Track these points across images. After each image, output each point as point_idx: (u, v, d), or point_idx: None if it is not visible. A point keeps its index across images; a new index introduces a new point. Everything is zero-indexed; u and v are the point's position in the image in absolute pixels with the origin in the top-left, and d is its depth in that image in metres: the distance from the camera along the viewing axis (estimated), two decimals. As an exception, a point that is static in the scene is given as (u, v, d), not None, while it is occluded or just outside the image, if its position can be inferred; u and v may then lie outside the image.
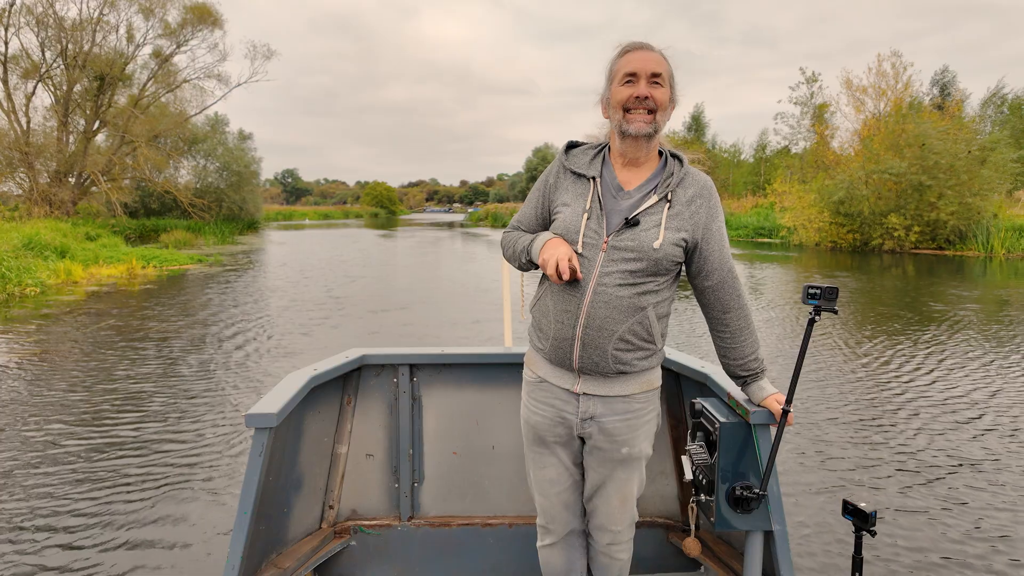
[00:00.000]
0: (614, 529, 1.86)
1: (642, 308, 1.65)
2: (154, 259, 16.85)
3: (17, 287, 11.65)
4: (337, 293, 12.35)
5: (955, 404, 5.36)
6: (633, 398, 1.73)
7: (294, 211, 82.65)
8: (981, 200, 21.18)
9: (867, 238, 22.56)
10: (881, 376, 6.26)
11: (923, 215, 21.28)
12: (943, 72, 44.31)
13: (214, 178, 38.64)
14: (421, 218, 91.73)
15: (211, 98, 33.93)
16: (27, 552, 3.06)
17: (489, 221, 60.80)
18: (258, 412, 1.79)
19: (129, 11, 29.48)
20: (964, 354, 7.08)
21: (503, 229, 1.98)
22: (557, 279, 1.60)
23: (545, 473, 1.83)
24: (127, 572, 2.89)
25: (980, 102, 37.80)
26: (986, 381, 6.04)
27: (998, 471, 4.04)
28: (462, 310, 10.52)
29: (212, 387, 5.86)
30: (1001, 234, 20.20)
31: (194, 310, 10.11)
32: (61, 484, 3.81)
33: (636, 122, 1.61)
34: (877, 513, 1.61)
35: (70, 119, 29.01)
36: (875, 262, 18.84)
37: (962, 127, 22.31)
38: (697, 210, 1.68)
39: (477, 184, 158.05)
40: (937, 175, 20.92)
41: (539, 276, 1.81)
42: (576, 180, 1.72)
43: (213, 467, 4.07)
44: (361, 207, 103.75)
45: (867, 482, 3.89)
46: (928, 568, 2.96)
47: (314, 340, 7.99)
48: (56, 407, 5.25)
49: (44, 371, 6.38)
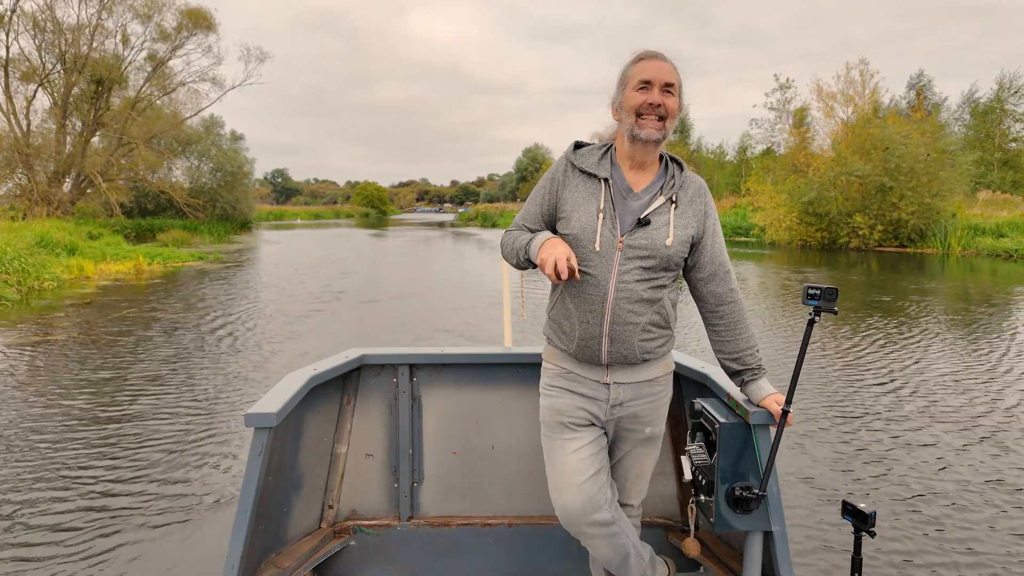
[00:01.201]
0: (627, 503, 1.95)
1: (659, 299, 1.74)
2: (158, 256, 17.78)
3: (36, 281, 12.57)
4: (334, 287, 13.37)
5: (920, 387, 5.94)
6: (656, 381, 1.83)
7: (285, 211, 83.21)
8: (940, 201, 22.48)
9: (835, 236, 23.83)
10: (855, 363, 6.96)
11: (886, 215, 22.56)
12: (919, 76, 45.97)
13: (208, 179, 39.46)
14: (411, 218, 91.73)
15: (206, 100, 34.83)
16: (24, 551, 3.05)
17: (479, 221, 61.62)
18: (258, 412, 1.80)
19: (126, 16, 30.27)
20: (920, 341, 7.86)
21: (493, 229, 2.31)
22: (556, 278, 1.62)
23: (568, 461, 1.80)
24: (126, 572, 2.91)
25: (956, 105, 39.27)
26: (943, 364, 6.77)
27: (959, 453, 4.27)
28: (451, 301, 11.58)
29: (221, 377, 6.65)
30: (958, 233, 21.51)
31: (202, 303, 11.12)
32: (61, 481, 3.84)
33: (648, 128, 1.68)
34: (876, 514, 1.62)
35: (68, 121, 29.74)
36: (842, 259, 19.94)
37: (923, 132, 23.60)
38: (698, 209, 1.78)
39: (468, 184, 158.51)
40: (898, 177, 22.22)
41: (539, 276, 2.05)
42: (586, 179, 1.77)
43: (213, 466, 4.08)
44: (352, 207, 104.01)
45: (837, 467, 4.04)
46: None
47: (313, 327, 8.99)
48: (65, 391, 6.20)
49: (76, 353, 7.36)
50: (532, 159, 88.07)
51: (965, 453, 4.34)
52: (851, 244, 23.24)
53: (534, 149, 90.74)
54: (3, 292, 10.88)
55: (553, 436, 1.84)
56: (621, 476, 1.93)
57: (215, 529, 3.29)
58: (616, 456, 1.91)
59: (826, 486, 3.80)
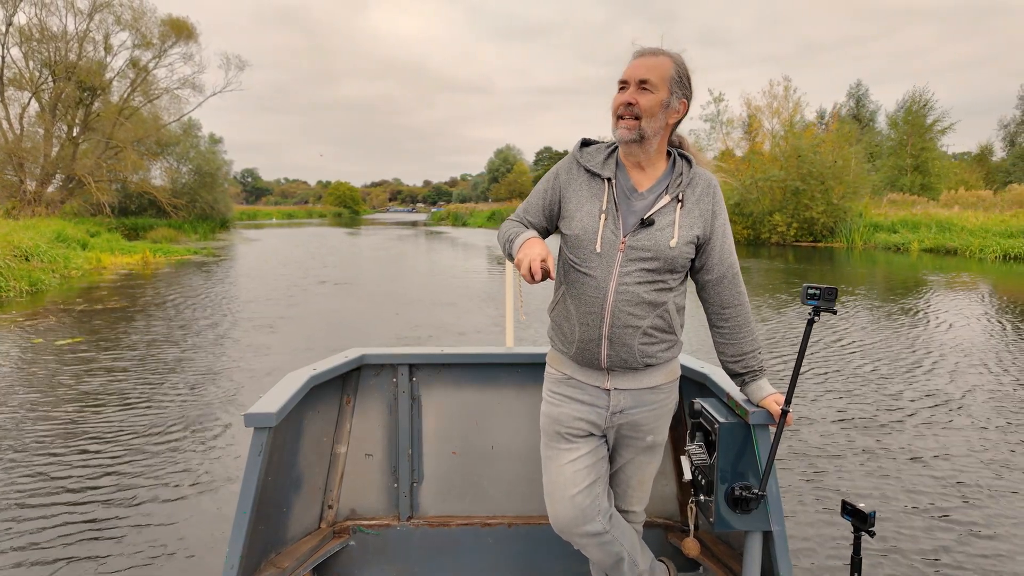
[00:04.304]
0: (629, 509, 1.95)
1: (662, 303, 1.70)
2: (158, 251, 20.13)
3: (65, 270, 14.90)
4: (316, 275, 15.98)
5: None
6: (659, 388, 1.80)
7: (258, 211, 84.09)
8: (848, 202, 25.98)
9: (758, 233, 27.17)
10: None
11: (800, 214, 25.97)
12: (857, 85, 50.12)
13: (187, 179, 41.30)
14: (384, 218, 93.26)
15: (187, 106, 36.68)
16: (22, 554, 3.03)
17: (450, 220, 64.41)
18: (257, 412, 1.81)
19: (108, 22, 32.07)
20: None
21: (464, 228, 2.90)
22: (530, 279, 1.60)
23: (564, 471, 1.79)
24: (125, 571, 2.91)
25: (890, 112, 43.07)
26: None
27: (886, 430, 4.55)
28: (428, 290, 14.13)
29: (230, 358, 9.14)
30: (861, 230, 25.01)
31: (213, 287, 13.67)
32: (59, 480, 3.85)
33: (620, 128, 1.67)
34: (876, 513, 1.55)
35: (55, 125, 31.52)
36: (765, 252, 23.00)
37: (834, 142, 27.12)
38: (705, 208, 1.74)
39: (441, 184, 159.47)
40: (810, 181, 25.65)
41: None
42: (590, 179, 1.75)
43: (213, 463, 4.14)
44: (324, 207, 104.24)
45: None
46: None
47: (302, 308, 11.09)
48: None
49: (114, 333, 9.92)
50: (504, 160, 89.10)
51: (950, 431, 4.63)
52: (772, 240, 26.60)
53: (506, 150, 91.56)
54: (47, 278, 13.25)
55: (550, 445, 1.84)
56: (623, 483, 1.93)
57: (214, 529, 3.28)
58: (618, 463, 1.90)
59: (826, 486, 3.81)
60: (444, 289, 13.07)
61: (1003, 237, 20.02)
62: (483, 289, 12.99)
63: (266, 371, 6.42)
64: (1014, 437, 4.64)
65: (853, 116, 45.68)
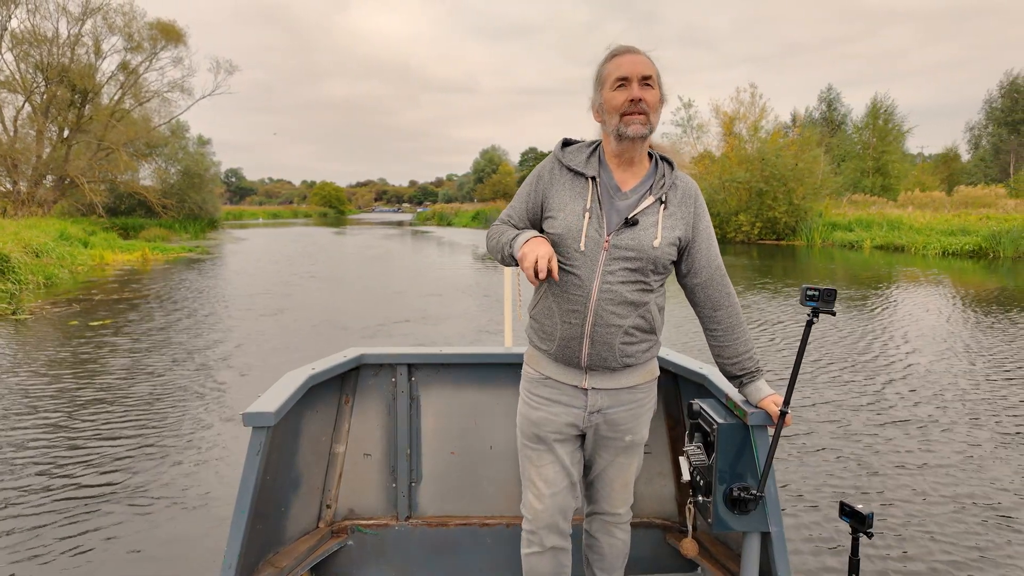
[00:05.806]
0: (614, 511, 1.95)
1: (644, 303, 1.72)
2: (155, 249, 21.22)
3: (72, 266, 15.98)
4: (307, 271, 17.21)
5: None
6: (638, 388, 1.82)
7: (244, 211, 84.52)
8: (808, 203, 27.66)
9: (725, 232, 28.77)
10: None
11: (764, 214, 27.61)
12: (829, 90, 52.08)
13: (176, 180, 42.08)
14: (370, 218, 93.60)
15: (177, 108, 37.48)
16: (21, 553, 3.05)
17: (435, 220, 65.60)
18: (256, 411, 1.81)
19: (99, 26, 32.87)
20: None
21: (449, 227, 3.19)
22: (534, 278, 1.62)
23: (542, 472, 1.83)
24: (122, 570, 2.92)
25: (861, 116, 44.89)
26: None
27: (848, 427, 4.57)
28: (415, 283, 15.32)
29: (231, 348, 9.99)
30: (820, 228, 26.70)
31: (210, 281, 14.85)
32: (59, 477, 3.87)
33: (634, 124, 1.66)
34: (874, 515, 1.57)
35: (47, 127, 32.29)
36: (731, 250, 24.29)
37: (798, 145, 28.81)
38: (687, 211, 1.76)
39: (427, 184, 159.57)
40: (772, 183, 27.29)
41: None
42: (573, 178, 1.75)
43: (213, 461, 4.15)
44: (309, 207, 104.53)
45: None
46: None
47: (298, 300, 12.04)
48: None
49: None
50: (489, 160, 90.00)
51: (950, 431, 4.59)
52: (737, 238, 28.23)
53: (491, 151, 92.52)
54: (58, 273, 14.35)
55: (527, 445, 1.87)
56: (607, 486, 1.93)
57: (212, 528, 3.28)
58: (599, 466, 1.91)
59: (824, 486, 3.81)
60: (431, 282, 14.35)
61: (945, 235, 21.76)
62: (466, 283, 14.24)
63: (270, 367, 6.57)
64: (998, 429, 4.72)
65: (824, 119, 47.47)
